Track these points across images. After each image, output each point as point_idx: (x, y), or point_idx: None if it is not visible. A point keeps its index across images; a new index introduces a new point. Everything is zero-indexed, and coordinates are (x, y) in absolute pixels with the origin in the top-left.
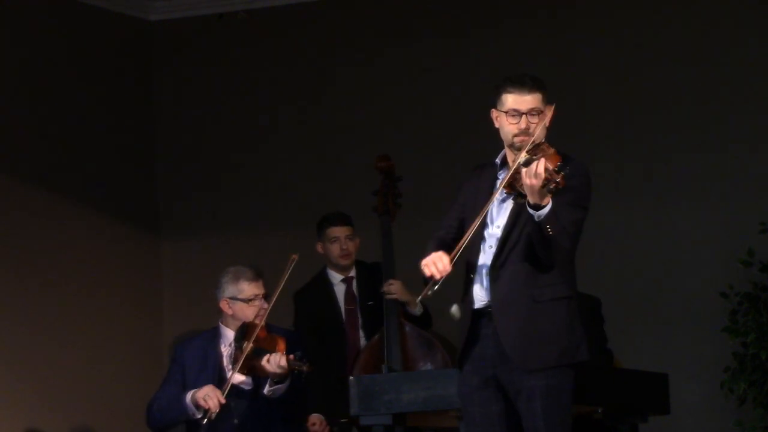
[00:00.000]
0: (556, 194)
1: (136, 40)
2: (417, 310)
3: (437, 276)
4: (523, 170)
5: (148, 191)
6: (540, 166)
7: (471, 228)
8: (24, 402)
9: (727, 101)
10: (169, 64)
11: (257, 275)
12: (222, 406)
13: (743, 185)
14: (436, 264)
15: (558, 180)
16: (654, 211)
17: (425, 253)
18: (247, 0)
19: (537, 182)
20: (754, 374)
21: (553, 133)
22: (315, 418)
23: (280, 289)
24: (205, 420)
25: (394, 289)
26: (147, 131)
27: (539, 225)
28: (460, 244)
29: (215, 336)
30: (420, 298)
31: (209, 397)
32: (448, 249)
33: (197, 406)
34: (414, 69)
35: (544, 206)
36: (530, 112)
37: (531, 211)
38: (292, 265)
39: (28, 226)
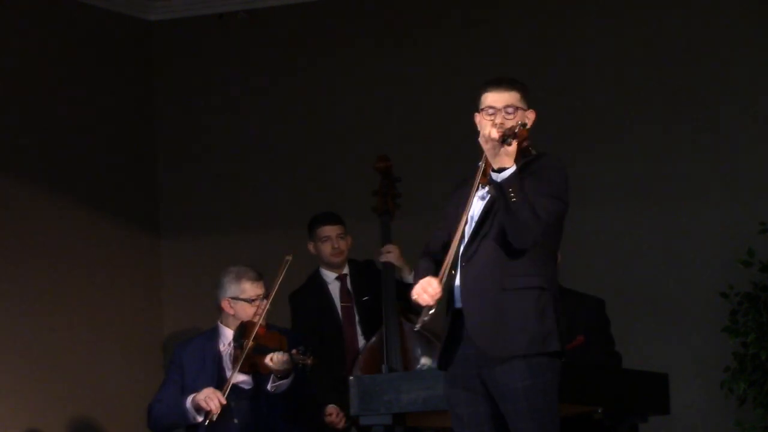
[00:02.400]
0: (511, 144)
1: (136, 40)
2: (411, 278)
3: (431, 303)
4: (481, 136)
5: (148, 191)
6: (492, 128)
7: (454, 241)
8: (24, 401)
9: (728, 101)
10: (169, 64)
11: (259, 276)
12: (222, 406)
13: (743, 185)
14: (427, 290)
15: (516, 131)
16: (654, 211)
17: (417, 268)
18: (247, 0)
19: (491, 142)
20: (754, 374)
21: (553, 132)
22: (331, 409)
23: (275, 291)
24: (207, 422)
25: (392, 256)
26: (147, 131)
27: (502, 190)
28: (446, 263)
29: (214, 335)
30: (417, 326)
31: (210, 398)
32: (437, 264)
33: (198, 409)
34: (413, 69)
35: (507, 169)
36: (506, 109)
37: (494, 175)
38: (287, 266)
39: (27, 226)
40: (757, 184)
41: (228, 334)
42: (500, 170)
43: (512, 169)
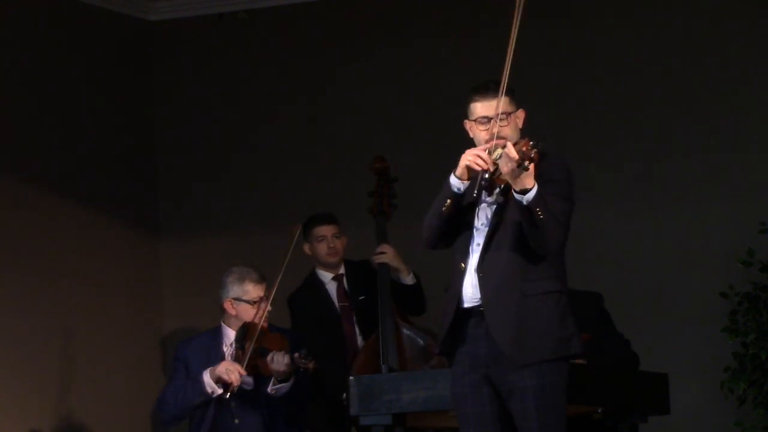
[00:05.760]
0: (529, 169)
1: (136, 40)
2: (409, 279)
3: (485, 166)
4: (500, 160)
5: (148, 191)
6: (511, 149)
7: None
8: (24, 401)
9: (727, 101)
10: (169, 64)
11: (262, 277)
12: (222, 405)
13: (743, 185)
14: (481, 155)
15: (532, 155)
16: (654, 211)
17: (429, 212)
18: (247, 0)
19: (514, 165)
20: (754, 374)
21: (554, 133)
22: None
23: (284, 265)
24: (228, 395)
25: (387, 257)
26: (147, 131)
27: (529, 210)
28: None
29: (217, 335)
30: (475, 191)
31: (230, 371)
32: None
33: (217, 381)
34: (411, 70)
35: (531, 189)
36: (498, 117)
37: (518, 197)
38: (297, 234)
39: (27, 226)
40: (757, 184)
41: (230, 334)
42: (523, 191)
43: (535, 189)
